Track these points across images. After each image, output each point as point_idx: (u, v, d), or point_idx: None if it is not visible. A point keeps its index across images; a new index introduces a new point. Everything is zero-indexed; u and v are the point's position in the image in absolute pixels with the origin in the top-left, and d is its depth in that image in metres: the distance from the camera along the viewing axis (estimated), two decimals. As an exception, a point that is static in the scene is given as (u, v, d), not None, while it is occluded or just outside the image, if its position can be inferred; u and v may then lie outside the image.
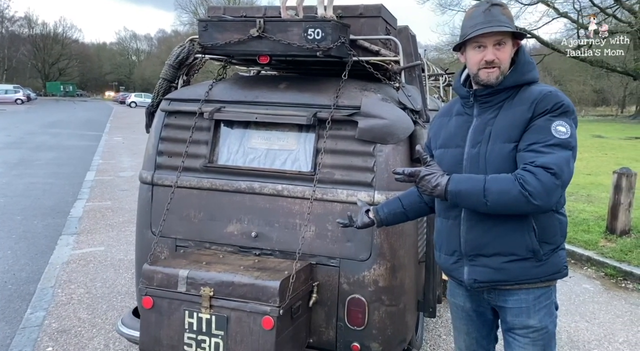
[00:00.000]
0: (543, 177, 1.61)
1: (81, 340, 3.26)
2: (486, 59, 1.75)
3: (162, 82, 3.05)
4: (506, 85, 1.78)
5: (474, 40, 1.78)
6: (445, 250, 1.94)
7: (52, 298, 3.87)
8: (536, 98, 1.71)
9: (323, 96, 2.69)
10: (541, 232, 1.77)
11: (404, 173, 1.82)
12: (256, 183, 2.69)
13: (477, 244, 1.80)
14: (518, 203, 1.63)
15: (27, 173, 9.42)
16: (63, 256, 4.89)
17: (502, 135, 1.74)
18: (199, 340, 2.34)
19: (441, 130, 1.97)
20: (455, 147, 1.87)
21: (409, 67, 2.75)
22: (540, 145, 1.65)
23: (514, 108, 1.75)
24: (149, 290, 2.40)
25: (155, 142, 2.91)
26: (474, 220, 1.80)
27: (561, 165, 1.63)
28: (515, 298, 1.84)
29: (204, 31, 2.67)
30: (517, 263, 1.77)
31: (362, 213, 2.18)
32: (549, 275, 1.81)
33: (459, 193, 1.72)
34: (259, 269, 2.43)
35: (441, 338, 3.48)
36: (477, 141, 1.80)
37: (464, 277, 1.87)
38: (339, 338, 2.60)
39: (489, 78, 1.77)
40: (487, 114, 1.80)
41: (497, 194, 1.65)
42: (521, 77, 1.79)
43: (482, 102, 1.82)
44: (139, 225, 2.97)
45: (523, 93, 1.76)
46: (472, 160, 1.80)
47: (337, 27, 2.55)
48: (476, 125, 1.82)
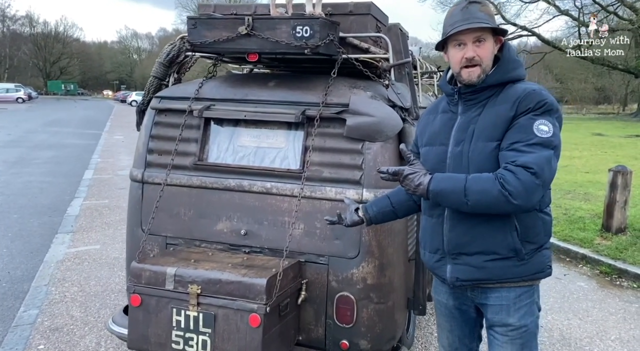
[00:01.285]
0: (523, 177, 1.60)
1: (73, 338, 3.27)
2: (466, 56, 1.75)
3: (153, 80, 3.05)
4: (489, 83, 1.77)
5: (453, 39, 1.78)
6: (429, 248, 1.95)
7: (46, 297, 3.88)
8: (519, 97, 1.70)
9: (312, 94, 2.69)
10: (524, 231, 1.76)
11: (387, 172, 1.82)
12: (245, 181, 2.69)
13: (459, 243, 1.81)
14: (498, 202, 1.63)
15: (25, 172, 9.43)
16: (58, 254, 4.90)
17: (485, 133, 1.73)
18: (187, 337, 2.34)
19: (427, 127, 1.97)
20: (439, 145, 1.86)
21: (398, 64, 2.75)
22: (522, 144, 1.65)
23: (497, 106, 1.74)
24: (137, 288, 2.40)
25: (145, 140, 2.91)
26: (456, 219, 1.81)
27: (542, 164, 1.62)
28: (496, 295, 1.84)
29: (193, 29, 2.67)
30: (499, 262, 1.77)
31: (351, 212, 2.16)
32: (531, 275, 1.81)
33: (440, 192, 1.71)
34: (247, 267, 2.43)
35: (433, 336, 3.48)
36: (460, 139, 1.79)
37: (447, 275, 1.88)
38: (328, 335, 2.61)
39: (471, 77, 1.76)
40: (471, 112, 1.80)
41: (478, 194, 1.65)
42: (505, 75, 1.78)
43: (466, 100, 1.81)
44: (129, 223, 2.97)
45: (507, 91, 1.75)
46: (455, 158, 1.80)
47: (326, 25, 2.55)
48: (460, 123, 1.82)
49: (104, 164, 10.71)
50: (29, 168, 9.86)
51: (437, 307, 2.09)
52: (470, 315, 1.99)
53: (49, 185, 8.33)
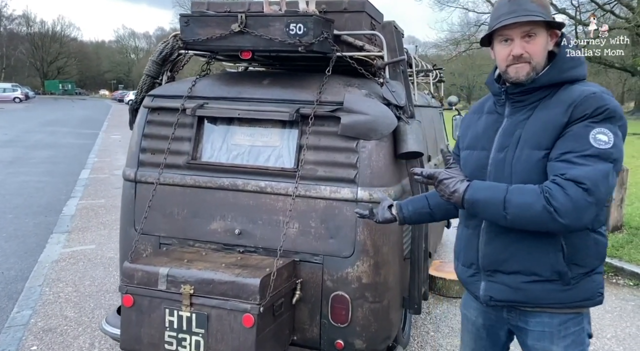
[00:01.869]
0: (573, 193, 1.40)
1: (66, 339, 3.25)
2: (513, 53, 1.55)
3: (146, 79, 3.03)
4: (542, 84, 1.57)
5: (499, 33, 1.58)
6: (463, 260, 1.77)
7: (40, 297, 3.86)
8: (575, 101, 1.49)
9: (306, 92, 2.66)
10: (571, 253, 1.55)
11: (422, 175, 1.64)
12: (239, 180, 2.67)
13: (496, 259, 1.62)
14: (542, 219, 1.43)
15: (22, 172, 9.39)
16: (53, 254, 4.87)
17: (532, 140, 1.54)
18: (180, 338, 2.32)
19: (470, 129, 1.78)
20: (481, 150, 1.68)
21: (393, 62, 2.73)
22: (575, 155, 1.44)
23: (549, 110, 1.54)
24: (129, 288, 2.38)
25: (138, 139, 2.89)
26: (493, 232, 1.62)
27: (596, 179, 1.41)
28: (537, 320, 1.64)
29: (186, 26, 2.65)
30: (540, 285, 1.57)
31: (384, 208, 1.99)
32: (577, 302, 1.59)
33: (476, 202, 1.53)
34: (241, 266, 2.41)
35: (429, 335, 3.46)
36: (504, 145, 1.60)
37: (480, 293, 1.70)
38: (323, 335, 2.59)
39: (518, 75, 1.56)
40: (519, 115, 1.60)
41: (519, 207, 1.46)
42: (560, 74, 1.57)
43: (515, 101, 1.62)
44: (122, 223, 2.95)
45: (562, 93, 1.54)
46: (497, 166, 1.61)
47: (320, 22, 2.52)
48: (505, 127, 1.63)
49: (100, 164, 10.67)
50: (25, 168, 9.82)
51: (464, 323, 1.89)
52: (499, 338, 1.79)
53: (45, 185, 8.29)
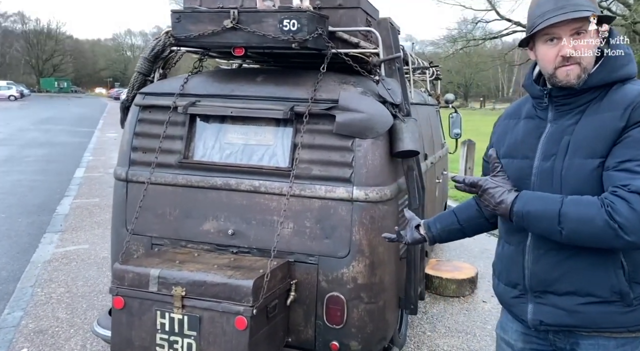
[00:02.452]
0: (638, 206, 1.27)
1: (58, 341, 3.19)
2: (561, 53, 1.40)
3: (137, 76, 2.98)
4: (592, 85, 1.42)
5: (544, 32, 1.43)
6: (505, 280, 1.60)
7: (31, 298, 3.80)
8: (633, 102, 1.36)
9: (301, 89, 2.62)
10: (633, 270, 1.41)
11: (464, 182, 1.50)
12: (232, 179, 2.62)
13: (546, 279, 1.47)
14: (604, 236, 1.30)
15: (15, 171, 9.31)
16: (45, 254, 4.82)
17: (584, 147, 1.39)
18: (172, 340, 2.28)
19: (506, 135, 1.62)
20: (522, 158, 1.52)
21: (389, 59, 2.68)
22: (637, 163, 1.31)
23: (601, 114, 1.40)
24: (120, 290, 2.33)
25: (129, 138, 2.84)
26: (543, 249, 1.47)
27: None
28: (590, 342, 1.47)
29: (177, 23, 2.59)
30: (598, 307, 1.42)
31: (412, 228, 1.84)
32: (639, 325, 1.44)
33: (527, 214, 1.39)
34: (233, 268, 2.37)
35: (425, 335, 3.43)
36: (551, 153, 1.45)
37: (528, 317, 1.53)
38: (318, 336, 2.55)
39: (569, 78, 1.41)
40: (566, 120, 1.46)
41: (576, 222, 1.32)
42: (611, 73, 1.43)
43: (560, 105, 1.47)
44: (114, 223, 2.90)
45: (614, 94, 1.41)
46: (543, 176, 1.46)
47: (314, 18, 2.47)
48: (551, 133, 1.47)
49: (95, 162, 10.59)
50: (19, 167, 9.74)
51: (501, 346, 1.71)
52: None
53: (39, 184, 8.22)
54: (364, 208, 2.45)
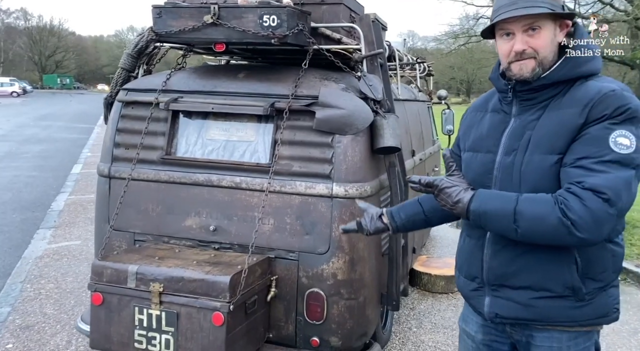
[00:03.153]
0: (592, 204, 1.27)
1: (44, 336, 3.21)
2: (515, 49, 1.41)
3: (121, 72, 2.98)
4: (554, 80, 1.41)
5: (499, 27, 1.44)
6: (465, 273, 1.62)
7: (20, 294, 3.81)
8: (592, 99, 1.35)
9: (282, 86, 2.61)
10: (586, 266, 1.41)
11: (419, 183, 1.47)
12: (214, 175, 2.62)
13: (502, 273, 1.48)
14: (557, 233, 1.30)
15: (13, 166, 9.33)
16: (37, 250, 4.83)
17: (544, 143, 1.40)
18: (150, 336, 2.28)
19: (472, 128, 1.62)
20: (486, 152, 1.53)
21: (370, 55, 2.67)
22: (593, 160, 1.30)
23: (562, 109, 1.39)
24: (99, 286, 2.34)
25: (112, 134, 2.84)
26: (500, 244, 1.48)
27: (618, 188, 1.27)
28: (544, 335, 1.49)
29: (158, 18, 2.59)
30: (551, 301, 1.43)
31: (373, 219, 1.77)
32: (592, 319, 1.44)
33: (483, 214, 1.39)
34: (212, 264, 2.37)
35: (411, 331, 3.43)
36: (512, 148, 1.46)
37: (484, 309, 1.55)
38: (299, 332, 2.55)
39: (522, 71, 1.42)
40: (529, 115, 1.45)
41: (531, 220, 1.32)
42: (574, 69, 1.41)
43: (523, 99, 1.47)
44: (97, 219, 2.91)
45: (576, 90, 1.40)
46: (504, 170, 1.47)
47: (294, 14, 2.47)
48: (514, 128, 1.48)
49: (93, 158, 10.59)
50: (17, 163, 9.76)
51: (463, 338, 1.73)
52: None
53: (35, 180, 8.24)
54: (344, 205, 2.45)
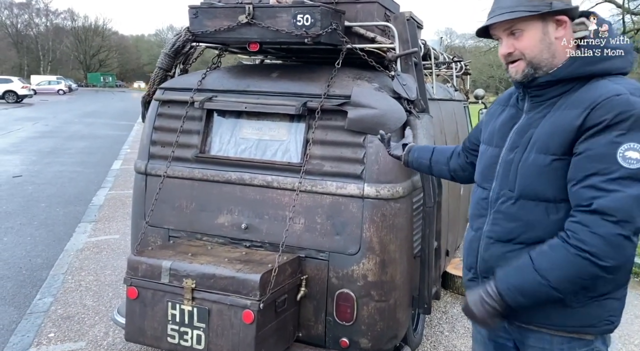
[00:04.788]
0: (601, 229, 1.22)
1: (83, 327, 3.32)
2: (500, 53, 1.44)
3: (158, 71, 3.04)
4: (559, 77, 1.38)
5: (493, 33, 1.47)
6: (465, 263, 1.65)
7: (62, 285, 3.96)
8: (594, 102, 1.28)
9: (314, 85, 2.61)
10: None
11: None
12: (246, 174, 2.65)
13: (492, 266, 1.47)
14: (586, 270, 1.25)
15: (58, 162, 9.70)
16: (79, 243, 5.00)
17: (541, 143, 1.38)
18: (182, 331, 2.33)
19: (490, 121, 1.64)
20: (495, 146, 1.55)
21: (405, 54, 2.63)
22: (601, 178, 1.24)
23: (566, 109, 1.35)
24: (134, 281, 2.40)
25: (149, 132, 2.90)
26: (492, 238, 1.49)
27: (629, 207, 1.21)
28: (536, 336, 1.47)
29: (194, 18, 2.63)
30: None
31: (399, 145, 2.14)
32: (575, 327, 1.40)
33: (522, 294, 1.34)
34: (244, 262, 2.39)
35: (443, 335, 3.37)
36: (516, 145, 1.46)
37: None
38: (328, 333, 2.55)
39: (515, 73, 1.43)
40: (536, 112, 1.44)
41: (557, 271, 1.28)
42: (584, 66, 1.36)
43: (533, 96, 1.45)
44: (133, 215, 2.98)
45: (585, 90, 1.34)
46: (505, 166, 1.47)
47: (328, 13, 2.46)
48: (521, 125, 1.47)
49: (133, 155, 10.83)
50: (61, 158, 10.14)
51: (474, 332, 1.76)
52: (507, 348, 1.60)
53: (78, 175, 8.53)
54: (375, 206, 2.43)
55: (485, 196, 1.55)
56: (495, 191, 1.51)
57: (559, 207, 1.36)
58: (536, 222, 1.40)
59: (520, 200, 1.42)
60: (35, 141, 12.50)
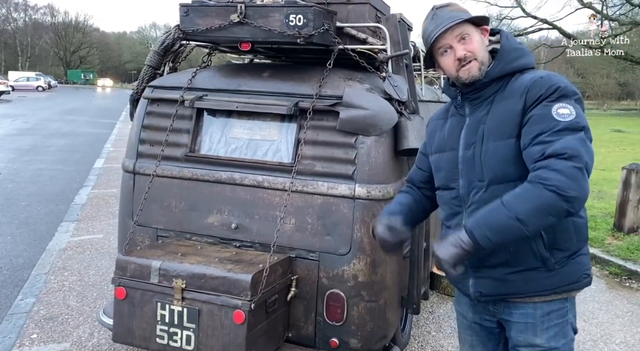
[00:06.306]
0: (558, 165, 1.38)
1: (67, 328, 3.26)
2: (457, 56, 1.60)
3: (147, 69, 3.01)
4: (492, 77, 1.61)
5: (436, 47, 1.65)
6: None
7: (44, 285, 3.89)
8: (527, 87, 1.54)
9: (306, 85, 2.61)
10: (551, 238, 1.56)
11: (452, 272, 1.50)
12: (237, 173, 2.63)
13: (480, 255, 1.58)
14: (555, 205, 1.38)
15: (38, 160, 9.52)
16: (61, 243, 4.92)
17: (495, 132, 1.57)
18: (171, 332, 2.30)
19: (436, 134, 1.81)
20: (449, 150, 1.71)
21: (396, 56, 2.65)
22: (546, 134, 1.44)
23: (504, 101, 1.58)
24: (122, 281, 2.37)
25: (137, 130, 2.87)
26: None
27: (574, 146, 1.40)
28: (521, 312, 1.64)
29: (185, 16, 2.61)
30: (524, 274, 1.58)
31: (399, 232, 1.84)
32: (564, 286, 1.59)
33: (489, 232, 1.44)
34: (234, 262, 2.38)
35: (430, 335, 3.40)
36: (470, 142, 1.64)
37: (470, 290, 1.70)
38: (318, 333, 2.55)
39: (470, 73, 1.60)
40: (479, 112, 1.64)
41: (530, 209, 1.40)
42: (507, 65, 1.61)
43: (472, 100, 1.66)
44: (121, 214, 2.95)
45: (514, 83, 1.59)
46: (467, 163, 1.64)
47: (320, 13, 2.46)
48: (469, 125, 1.66)
49: (115, 153, 10.74)
50: (41, 156, 9.96)
51: (459, 319, 1.90)
52: (492, 331, 1.78)
53: (59, 173, 8.39)
54: (366, 206, 2.44)
55: (454, 195, 1.71)
56: (465, 187, 1.66)
57: None
58: None
59: (491, 186, 1.59)
60: (13, 138, 12.26)
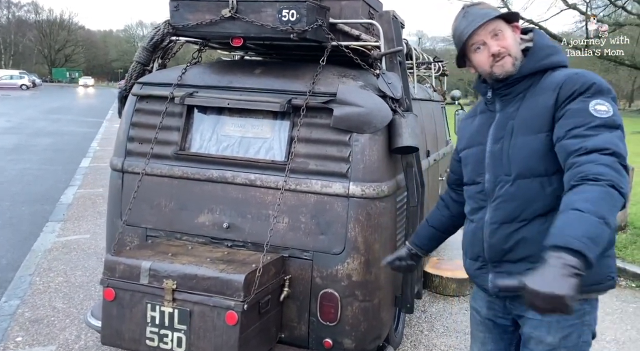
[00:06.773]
0: (606, 161, 1.34)
1: (53, 330, 3.19)
2: (492, 52, 1.59)
3: (136, 65, 2.94)
4: (523, 73, 1.61)
5: (469, 44, 1.63)
6: (470, 254, 1.75)
7: (29, 287, 3.80)
8: (560, 82, 1.52)
9: (299, 82, 2.57)
10: None
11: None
12: (228, 172, 2.59)
13: (501, 249, 1.60)
14: (619, 199, 1.31)
15: (22, 159, 9.36)
16: (46, 243, 4.82)
17: (524, 127, 1.56)
18: (162, 334, 2.25)
19: (465, 131, 1.82)
20: (477, 145, 1.70)
21: (390, 53, 2.62)
22: (583, 128, 1.41)
23: (536, 97, 1.57)
24: (111, 282, 2.31)
25: (125, 128, 2.81)
26: (497, 223, 1.61)
27: (615, 142, 1.37)
28: None
29: (175, 11, 2.56)
30: None
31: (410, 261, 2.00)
32: (584, 286, 1.33)
33: (593, 242, 1.23)
34: (226, 262, 2.33)
35: (423, 334, 3.38)
36: (499, 137, 1.63)
37: (489, 285, 1.67)
38: (311, 333, 2.51)
39: (504, 68, 1.60)
40: (509, 107, 1.63)
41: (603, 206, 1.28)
42: (539, 62, 1.61)
43: (502, 95, 1.65)
44: (109, 214, 2.88)
45: (546, 79, 1.58)
46: (494, 157, 1.63)
47: (314, 9, 2.42)
48: (498, 121, 1.65)
49: (102, 152, 10.60)
50: (26, 156, 9.79)
51: (473, 315, 1.88)
52: (506, 329, 1.75)
53: (45, 173, 8.25)
54: (360, 205, 2.40)
55: (480, 189, 1.69)
56: (490, 181, 1.65)
57: (552, 180, 1.53)
58: (534, 196, 1.55)
59: (517, 180, 1.57)
60: (-3, 137, 12.06)
